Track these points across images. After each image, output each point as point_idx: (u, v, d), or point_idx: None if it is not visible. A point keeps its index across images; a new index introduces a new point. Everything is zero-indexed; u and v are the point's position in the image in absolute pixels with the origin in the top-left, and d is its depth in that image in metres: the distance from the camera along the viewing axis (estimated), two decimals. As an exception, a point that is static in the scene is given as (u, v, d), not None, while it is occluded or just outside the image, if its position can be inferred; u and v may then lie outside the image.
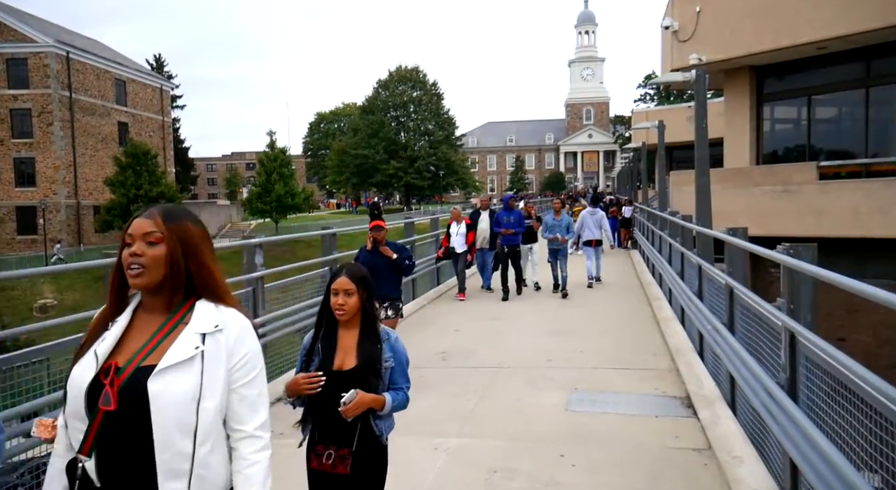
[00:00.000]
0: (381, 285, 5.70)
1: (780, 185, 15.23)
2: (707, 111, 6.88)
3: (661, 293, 10.52)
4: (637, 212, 18.91)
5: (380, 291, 5.62)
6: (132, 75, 47.85)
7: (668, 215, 8.63)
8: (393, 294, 6.02)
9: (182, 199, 39.06)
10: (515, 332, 8.23)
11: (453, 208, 11.32)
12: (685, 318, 8.04)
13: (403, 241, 10.77)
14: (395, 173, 62.44)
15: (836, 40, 14.33)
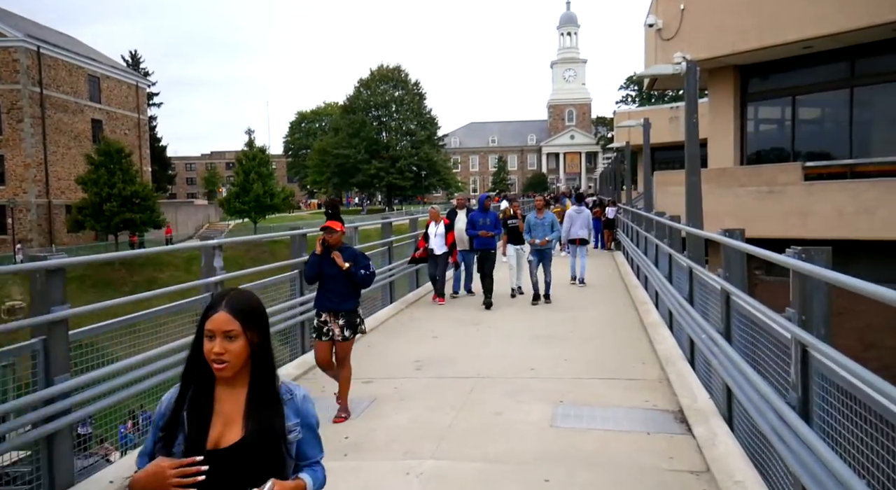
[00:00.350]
0: (333, 296, 5.11)
1: (765, 186, 15.03)
2: (697, 107, 6.52)
3: (648, 297, 10.19)
4: (621, 213, 18.64)
5: (330, 303, 5.12)
6: (106, 72, 46.72)
7: (655, 216, 8.31)
8: (347, 306, 5.16)
9: (157, 199, 38.13)
10: (496, 339, 7.83)
11: (431, 208, 10.78)
12: (674, 324, 7.70)
13: (382, 241, 10.33)
14: (376, 173, 61.91)
15: (823, 39, 14.14)
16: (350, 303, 5.19)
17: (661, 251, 9.21)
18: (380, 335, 8.26)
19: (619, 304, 10.18)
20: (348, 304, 5.17)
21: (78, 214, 34.11)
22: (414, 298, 10.81)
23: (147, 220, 35.49)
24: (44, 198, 39.86)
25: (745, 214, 15.41)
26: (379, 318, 9.17)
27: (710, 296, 5.50)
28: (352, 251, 5.26)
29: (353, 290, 5.18)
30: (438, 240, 10.23)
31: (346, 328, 5.16)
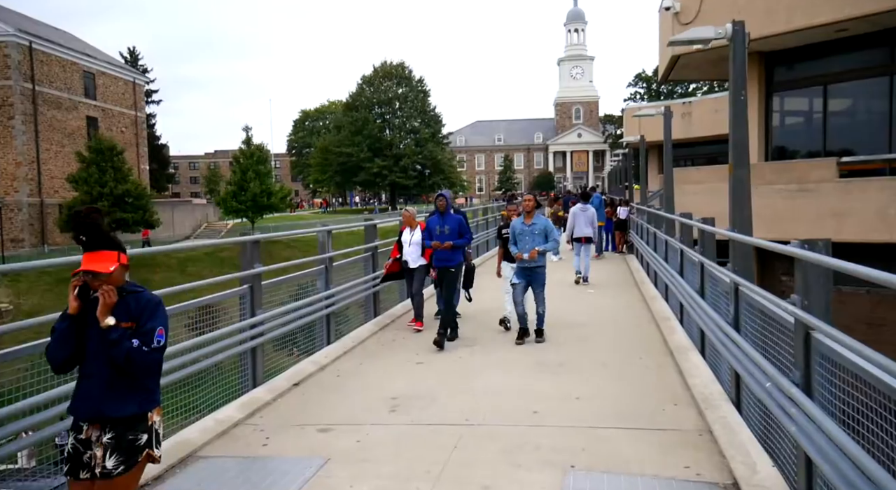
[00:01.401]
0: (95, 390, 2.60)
1: (794, 184, 13.61)
2: (745, 81, 5.17)
3: (669, 310, 8.83)
4: (634, 213, 17.25)
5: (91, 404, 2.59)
6: (102, 68, 45.63)
7: (691, 220, 6.81)
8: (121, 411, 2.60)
9: (151, 198, 36.97)
10: (493, 367, 6.48)
11: (404, 211, 8.60)
12: (706, 348, 6.36)
13: (364, 246, 9.01)
14: (379, 172, 60.63)
15: (859, 21, 12.71)
16: (130, 403, 2.62)
17: (687, 259, 7.86)
18: (354, 360, 6.94)
19: (636, 319, 8.81)
20: (124, 406, 2.61)
21: (67, 214, 32.91)
22: (402, 311, 9.47)
23: (140, 220, 34.32)
24: (36, 197, 38.78)
25: (772, 216, 14.00)
26: (357, 337, 7.85)
27: (770, 326, 4.15)
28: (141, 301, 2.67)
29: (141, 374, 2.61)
30: (414, 249, 8.26)
31: (113, 453, 2.58)
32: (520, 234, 7.43)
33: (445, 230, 7.64)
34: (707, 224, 6.58)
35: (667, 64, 16.68)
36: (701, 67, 17.03)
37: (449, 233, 7.64)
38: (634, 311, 9.44)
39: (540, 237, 7.37)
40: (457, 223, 7.73)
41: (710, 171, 15.49)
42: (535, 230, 7.38)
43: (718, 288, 5.96)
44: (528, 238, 7.37)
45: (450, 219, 7.73)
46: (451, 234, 7.65)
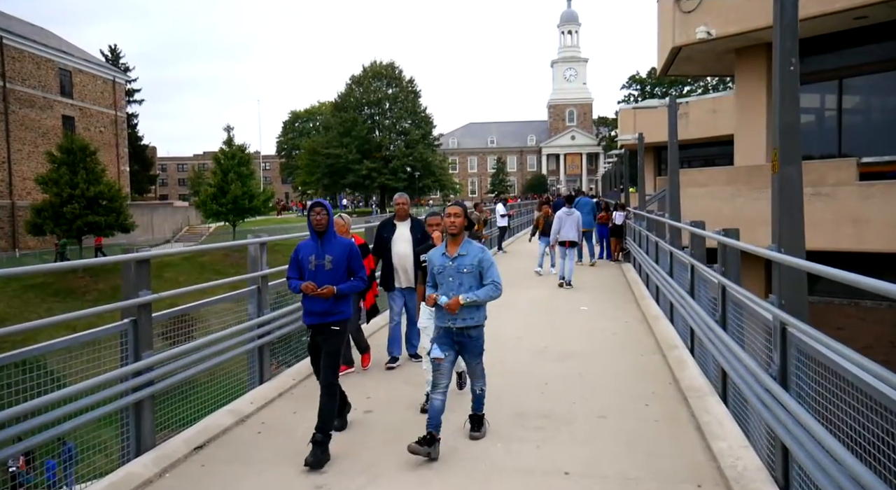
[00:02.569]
0: None
1: (809, 187, 12.23)
2: (796, 48, 3.82)
3: (676, 334, 7.48)
4: (631, 218, 15.92)
5: None
6: (79, 65, 44.05)
7: (719, 236, 5.34)
8: None
9: (125, 200, 35.40)
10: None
11: (338, 217, 6.11)
12: (728, 389, 5.02)
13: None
14: (368, 174, 59.21)
15: (881, 6, 11.48)
16: None
17: (700, 277, 6.51)
18: (288, 406, 5.51)
19: (638, 346, 7.44)
20: None
21: (36, 217, 31.37)
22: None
23: (113, 224, 32.75)
24: (6, 199, 37.20)
25: (784, 221, 12.73)
26: (299, 372, 6.43)
27: (844, 391, 2.81)
28: None
29: None
30: None
31: None
32: (439, 273, 4.49)
33: (326, 263, 4.44)
34: (731, 237, 5.22)
35: (667, 57, 15.40)
36: (704, 61, 15.76)
37: (331, 267, 4.44)
38: (635, 334, 8.07)
39: (470, 278, 4.43)
40: (344, 252, 4.49)
41: (714, 173, 14.20)
42: (464, 266, 4.42)
43: (747, 319, 4.64)
44: (451, 279, 4.43)
45: (334, 245, 4.49)
46: (335, 271, 4.45)
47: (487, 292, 4.45)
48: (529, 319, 9.05)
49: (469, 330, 4.50)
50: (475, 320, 4.51)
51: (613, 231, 16.72)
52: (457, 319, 4.42)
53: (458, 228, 4.47)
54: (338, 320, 4.54)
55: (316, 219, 4.46)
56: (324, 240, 4.50)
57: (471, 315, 4.47)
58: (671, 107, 9.04)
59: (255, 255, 6.03)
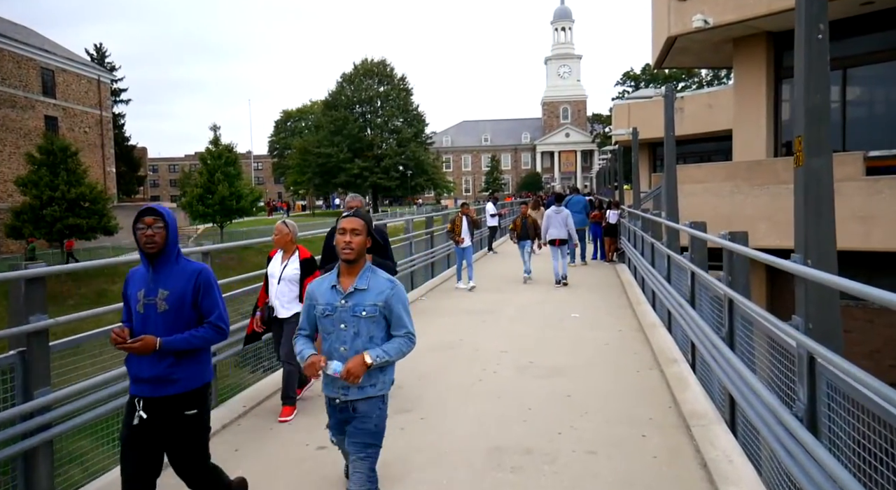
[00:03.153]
0: None
1: (813, 183, 11.65)
2: (825, 13, 3.09)
3: (676, 348, 6.79)
4: (625, 217, 15.24)
5: None
6: (62, 65, 43.09)
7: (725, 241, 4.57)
8: None
9: (109, 202, 34.52)
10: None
11: (278, 225, 5.32)
12: (737, 416, 4.34)
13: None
14: (360, 173, 58.40)
15: (889, -9, 10.84)
16: None
17: (701, 284, 5.82)
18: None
19: (633, 359, 6.75)
20: None
21: (15, 220, 30.48)
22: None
23: (96, 226, 31.89)
24: (-14, 202, 36.28)
25: (787, 219, 11.98)
26: (222, 416, 5.69)
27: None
28: None
29: None
30: (286, 289, 5.19)
31: None
32: (325, 316, 2.96)
33: (159, 301, 2.96)
34: (738, 242, 4.52)
35: (661, 48, 14.72)
36: (700, 52, 15.09)
37: (167, 308, 2.97)
38: (630, 346, 7.37)
39: (372, 326, 2.92)
40: (188, 286, 3.01)
41: (712, 169, 13.52)
42: (362, 307, 2.91)
43: (759, 337, 3.95)
44: (342, 327, 2.92)
45: (173, 274, 3.00)
46: (173, 314, 2.97)
47: (399, 348, 2.90)
48: (516, 329, 8.35)
49: (357, 403, 2.91)
50: (376, 389, 2.92)
51: (607, 230, 16.04)
52: (353, 391, 2.89)
53: (354, 252, 2.88)
54: (181, 392, 2.89)
55: (145, 235, 2.89)
56: (157, 266, 2.93)
57: (370, 380, 2.88)
58: (667, 96, 8.33)
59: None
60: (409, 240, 11.83)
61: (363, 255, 2.98)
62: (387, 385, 3.01)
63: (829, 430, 2.84)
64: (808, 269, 2.85)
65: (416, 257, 11.89)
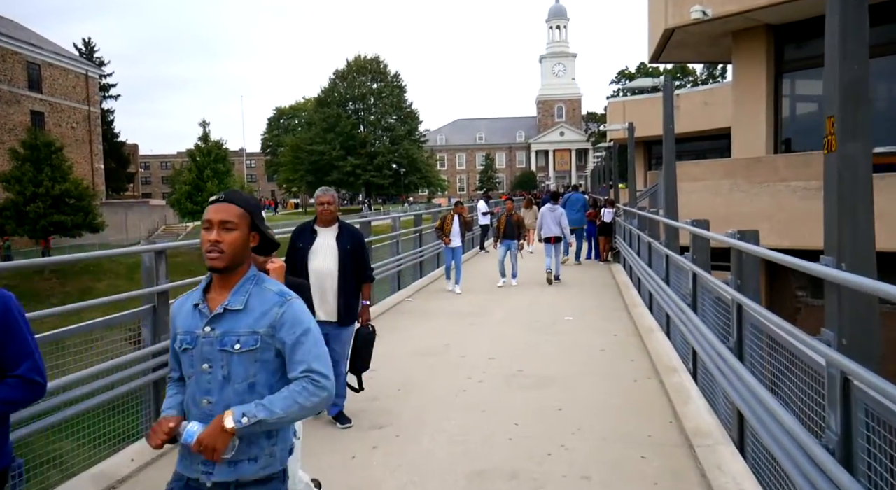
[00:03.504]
0: None
1: (815, 180, 11.17)
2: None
3: (675, 355, 6.34)
4: (620, 215, 14.80)
5: None
6: (49, 59, 42.35)
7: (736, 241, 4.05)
8: None
9: (94, 199, 33.87)
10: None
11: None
12: (746, 433, 3.88)
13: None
14: (352, 171, 57.84)
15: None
16: None
17: (703, 286, 5.37)
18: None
19: (630, 368, 6.28)
20: None
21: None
22: None
23: (81, 223, 31.25)
24: (-30, 198, 35.55)
25: (787, 218, 11.60)
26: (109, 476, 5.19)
27: None
28: None
29: None
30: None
31: None
32: (184, 351, 1.98)
33: None
34: (749, 242, 4.05)
35: (658, 42, 14.25)
36: (698, 45, 14.63)
37: None
38: (626, 351, 6.90)
39: (252, 364, 1.91)
40: None
41: (711, 166, 13.08)
42: (235, 336, 1.90)
43: (770, 347, 3.49)
44: (206, 367, 1.93)
45: None
46: None
47: (292, 400, 1.84)
48: (505, 333, 7.88)
49: (246, 487, 1.91)
50: (257, 466, 1.90)
51: (602, 229, 15.60)
52: (213, 466, 1.88)
53: (224, 257, 1.89)
54: None
55: None
56: None
57: (247, 453, 1.89)
58: (666, 87, 7.87)
59: (150, 267, 4.81)
60: (395, 238, 11.35)
61: (243, 260, 1.94)
62: (279, 459, 1.95)
63: (867, 467, 2.38)
64: (843, 275, 2.39)
65: (404, 256, 11.40)
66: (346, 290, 4.64)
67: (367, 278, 4.83)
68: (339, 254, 4.65)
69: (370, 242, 10.49)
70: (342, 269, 4.63)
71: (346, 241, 4.68)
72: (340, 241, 4.68)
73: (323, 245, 4.69)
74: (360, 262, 4.74)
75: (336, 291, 4.64)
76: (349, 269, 4.66)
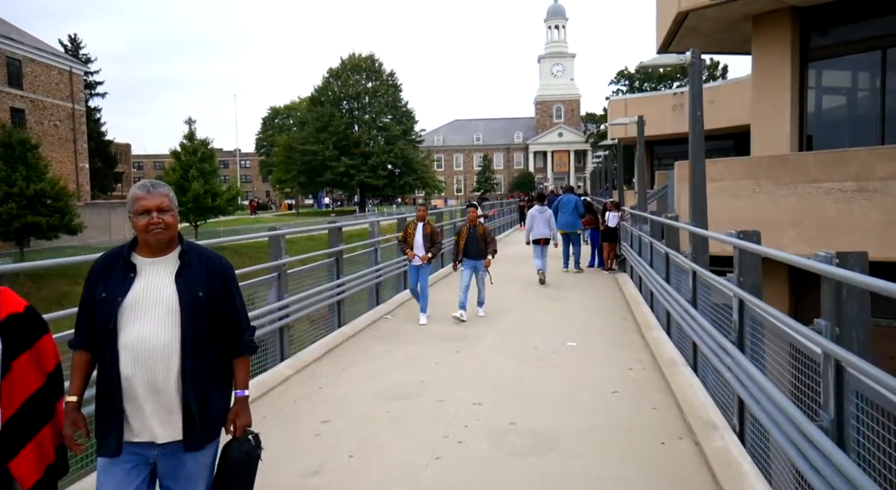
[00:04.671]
0: None
1: (851, 181, 9.83)
2: None
3: (709, 400, 4.97)
4: (627, 219, 13.43)
5: None
6: (30, 54, 40.87)
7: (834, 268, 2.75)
8: None
9: (72, 199, 32.39)
10: None
11: None
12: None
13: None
14: (346, 171, 56.42)
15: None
16: None
17: (754, 323, 4.02)
18: None
19: (653, 419, 4.90)
20: None
21: (-35, 218, 28.35)
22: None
23: (57, 225, 29.78)
24: (-56, 198, 34.04)
25: (817, 223, 10.24)
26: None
27: None
28: None
29: None
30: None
31: None
32: None
33: None
34: (853, 268, 2.68)
35: (669, 27, 12.89)
36: (713, 32, 13.27)
37: None
38: (646, 394, 5.51)
39: None
40: None
41: (730, 164, 11.71)
42: None
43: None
44: None
45: None
46: None
47: None
48: (495, 366, 6.49)
49: None
50: None
51: (606, 235, 14.22)
52: None
53: None
54: None
55: None
56: None
57: None
58: (694, 63, 6.47)
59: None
60: (374, 246, 9.98)
61: None
62: None
63: None
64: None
65: (382, 267, 10.02)
66: (198, 376, 2.39)
67: (243, 347, 2.56)
68: (183, 307, 2.38)
69: (349, 250, 9.10)
70: (190, 337, 2.37)
71: (196, 281, 2.43)
72: (184, 280, 2.42)
73: (149, 292, 2.39)
74: (226, 319, 2.51)
75: (179, 382, 2.35)
76: (204, 334, 2.42)
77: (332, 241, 8.42)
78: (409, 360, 6.73)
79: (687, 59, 6.33)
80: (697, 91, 6.43)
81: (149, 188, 2.49)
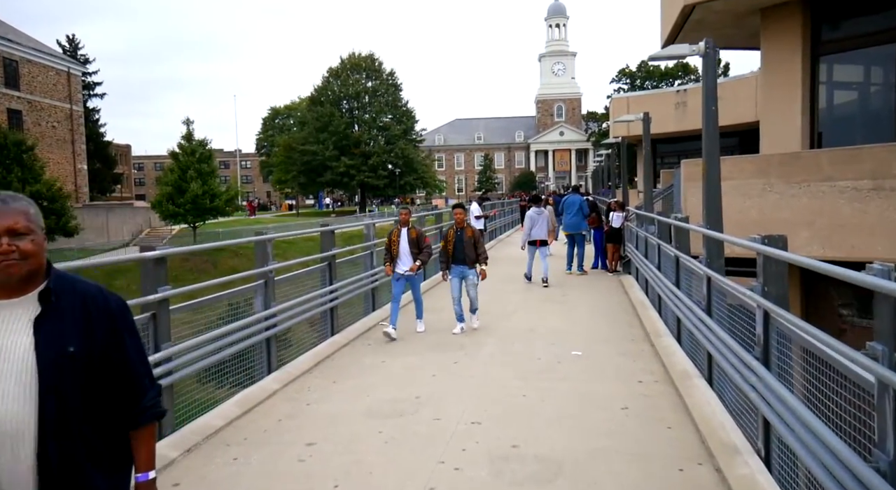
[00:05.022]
0: None
1: (867, 179, 9.39)
2: None
3: (730, 422, 4.57)
4: (632, 219, 13.03)
5: None
6: (27, 55, 40.61)
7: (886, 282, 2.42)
8: None
9: (68, 200, 32.07)
10: None
11: None
12: None
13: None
14: (346, 171, 56.02)
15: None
16: None
17: (780, 335, 3.63)
18: None
19: (667, 444, 4.51)
20: None
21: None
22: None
23: (53, 227, 29.42)
24: (-60, 200, 33.70)
25: (832, 224, 9.81)
26: None
27: None
28: None
29: None
30: None
31: None
32: None
33: None
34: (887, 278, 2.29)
35: (675, 21, 12.47)
36: (720, 26, 12.85)
37: None
38: (659, 411, 5.11)
39: None
40: None
41: (739, 162, 11.29)
42: None
43: None
44: None
45: None
46: None
47: None
48: (496, 378, 6.09)
49: None
50: None
51: (610, 235, 13.81)
52: None
53: None
54: None
55: None
56: None
57: None
58: (708, 54, 6.07)
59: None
60: (370, 249, 9.58)
61: None
62: None
63: None
64: None
65: (379, 271, 9.61)
66: (67, 465, 1.68)
67: (141, 416, 1.85)
68: (44, 368, 1.66)
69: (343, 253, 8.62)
70: (53, 412, 1.66)
71: (66, 330, 1.71)
72: (48, 330, 1.69)
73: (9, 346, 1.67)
74: (116, 379, 1.80)
75: (35, 475, 1.65)
76: (76, 405, 1.71)
77: (324, 244, 8.01)
78: (405, 371, 6.34)
79: (700, 49, 5.92)
80: (712, 84, 6.03)
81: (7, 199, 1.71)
